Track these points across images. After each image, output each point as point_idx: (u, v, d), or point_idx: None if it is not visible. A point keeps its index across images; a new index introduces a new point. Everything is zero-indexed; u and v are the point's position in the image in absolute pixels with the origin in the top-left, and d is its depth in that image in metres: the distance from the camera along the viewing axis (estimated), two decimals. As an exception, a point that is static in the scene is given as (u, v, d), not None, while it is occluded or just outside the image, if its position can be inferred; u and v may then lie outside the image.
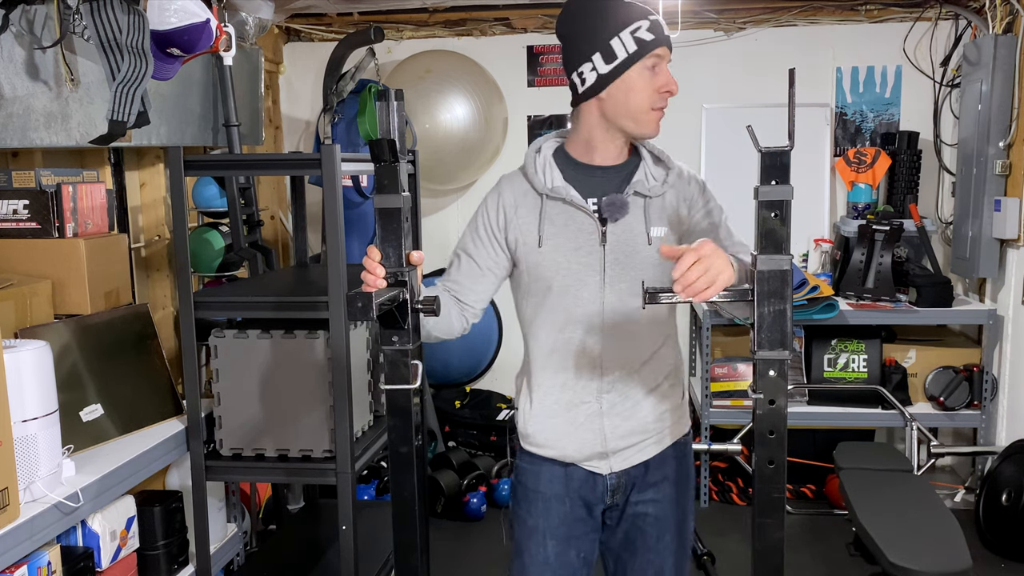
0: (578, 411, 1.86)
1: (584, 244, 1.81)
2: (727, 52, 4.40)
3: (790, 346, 1.46)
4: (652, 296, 1.46)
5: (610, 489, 1.89)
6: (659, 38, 1.74)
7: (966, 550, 2.62)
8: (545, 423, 1.88)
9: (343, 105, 4.16)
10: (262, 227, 3.37)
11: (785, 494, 1.50)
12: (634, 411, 1.86)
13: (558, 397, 1.87)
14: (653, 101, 1.76)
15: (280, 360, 2.51)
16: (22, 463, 1.95)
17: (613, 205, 1.79)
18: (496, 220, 1.86)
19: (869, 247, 4.03)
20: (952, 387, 3.90)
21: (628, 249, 1.80)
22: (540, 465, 1.91)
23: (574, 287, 1.81)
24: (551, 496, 1.90)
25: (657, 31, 1.75)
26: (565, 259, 1.81)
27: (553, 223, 1.82)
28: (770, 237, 1.43)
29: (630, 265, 1.80)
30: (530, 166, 1.86)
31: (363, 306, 1.46)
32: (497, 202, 1.86)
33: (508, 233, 1.85)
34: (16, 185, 2.50)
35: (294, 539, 3.20)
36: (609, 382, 1.84)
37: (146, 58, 2.20)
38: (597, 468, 1.88)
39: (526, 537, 1.92)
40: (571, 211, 1.81)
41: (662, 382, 1.88)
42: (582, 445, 1.86)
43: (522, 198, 1.85)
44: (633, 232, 1.80)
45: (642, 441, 1.87)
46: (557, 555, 1.89)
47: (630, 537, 1.91)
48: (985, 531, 3.59)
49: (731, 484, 4.17)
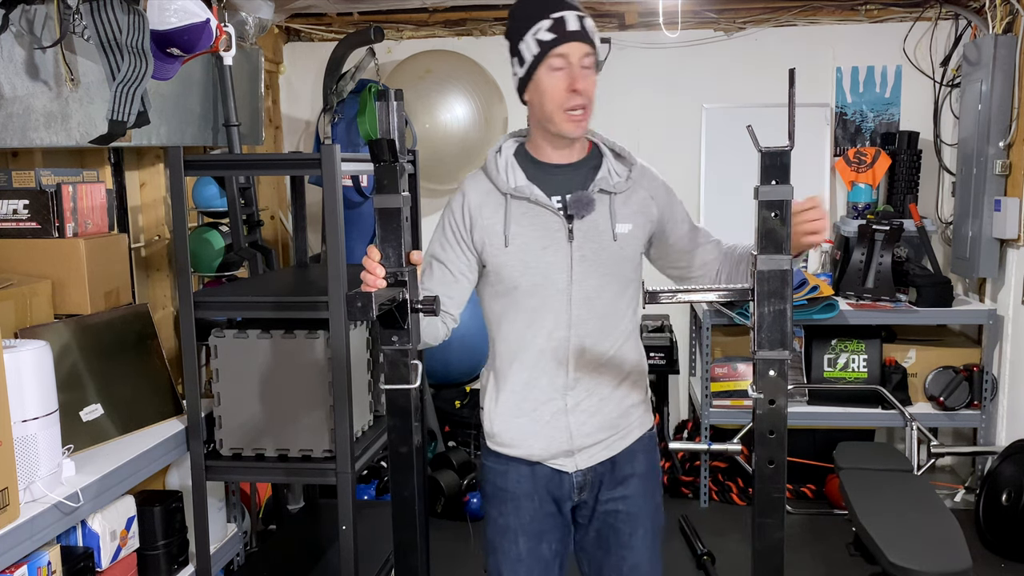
0: (544, 409, 1.86)
1: (551, 243, 1.81)
2: (727, 52, 4.40)
3: (790, 346, 1.46)
4: (652, 296, 1.46)
5: (576, 487, 1.90)
6: (561, 36, 1.72)
7: (966, 550, 2.62)
8: (511, 422, 1.89)
9: (343, 105, 4.16)
10: (262, 227, 3.37)
11: (785, 494, 1.50)
12: (599, 407, 1.87)
13: (524, 395, 1.87)
14: (563, 102, 1.75)
15: (280, 360, 2.51)
16: (22, 463, 1.95)
17: (579, 202, 1.79)
18: (463, 222, 1.85)
19: (869, 247, 4.03)
20: (952, 387, 3.89)
21: (595, 246, 1.81)
22: (507, 464, 1.92)
23: (542, 285, 1.82)
24: (520, 494, 1.91)
25: (559, 29, 1.72)
26: (533, 258, 1.81)
27: (519, 223, 1.82)
28: (770, 237, 1.43)
29: (597, 262, 1.81)
30: (492, 166, 1.86)
31: (363, 306, 1.46)
32: (462, 204, 1.86)
33: (474, 234, 1.85)
34: (16, 185, 2.50)
35: (294, 539, 3.20)
36: (574, 379, 1.84)
37: (146, 58, 2.20)
38: (563, 466, 1.89)
39: (499, 536, 1.94)
40: (536, 210, 1.82)
41: (626, 378, 1.89)
42: (548, 443, 1.87)
43: (486, 198, 1.85)
44: (599, 229, 1.81)
45: (608, 437, 1.89)
46: (529, 551, 1.91)
47: (603, 535, 1.92)
48: (985, 531, 3.59)
49: (731, 484, 4.17)
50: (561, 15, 1.73)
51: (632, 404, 1.91)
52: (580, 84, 1.73)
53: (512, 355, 1.87)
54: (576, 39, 1.73)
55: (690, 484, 4.18)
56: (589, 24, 1.76)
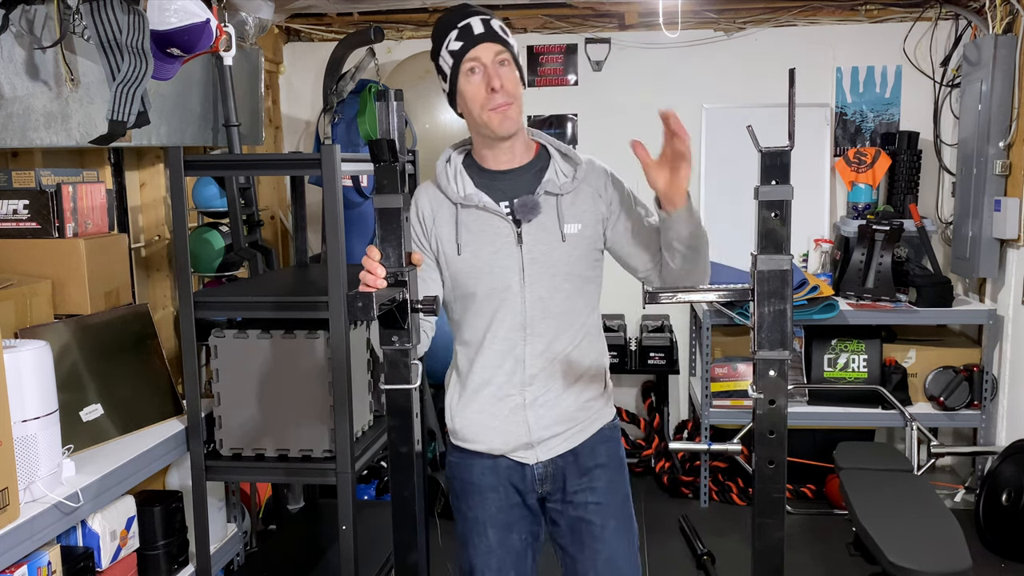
0: (503, 404, 1.90)
1: (502, 247, 1.84)
2: (727, 52, 4.40)
3: (790, 346, 1.46)
4: (652, 296, 1.47)
5: (538, 478, 1.93)
6: (468, 41, 1.77)
7: (966, 550, 2.62)
8: (472, 418, 1.93)
9: (343, 105, 4.16)
10: (262, 227, 3.37)
11: (785, 494, 1.50)
12: (557, 401, 1.90)
13: (484, 393, 1.91)
14: (485, 102, 1.78)
15: (280, 360, 2.51)
16: (22, 463, 1.95)
17: (525, 206, 1.83)
18: (420, 230, 1.90)
19: (869, 247, 4.03)
20: (952, 387, 3.89)
21: (544, 248, 1.84)
22: (471, 459, 1.96)
23: (497, 290, 1.85)
24: (485, 487, 1.95)
25: (466, 36, 1.77)
26: (486, 264, 1.85)
27: (469, 230, 1.85)
28: (770, 237, 1.43)
29: (547, 263, 1.84)
30: (441, 176, 1.90)
31: (363, 306, 1.46)
32: (417, 214, 1.90)
33: (431, 242, 1.89)
34: (16, 185, 2.50)
35: (294, 539, 3.20)
36: (531, 375, 1.88)
37: (146, 58, 2.20)
38: (523, 458, 1.92)
39: (468, 530, 1.98)
40: (485, 216, 1.85)
41: (583, 373, 1.92)
42: (508, 437, 1.91)
43: (438, 207, 1.89)
44: (548, 231, 1.84)
45: (567, 430, 1.92)
46: (499, 541, 1.95)
47: (576, 529, 1.94)
48: (985, 531, 3.59)
49: (731, 484, 4.17)
50: (467, 22, 1.78)
51: (590, 398, 1.94)
52: (496, 82, 1.76)
53: (472, 355, 1.91)
54: (484, 40, 1.77)
55: (690, 484, 4.18)
56: (495, 24, 1.80)
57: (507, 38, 1.81)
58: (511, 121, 1.80)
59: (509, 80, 1.79)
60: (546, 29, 4.42)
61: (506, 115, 1.78)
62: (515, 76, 1.81)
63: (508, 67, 1.79)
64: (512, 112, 1.79)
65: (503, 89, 1.77)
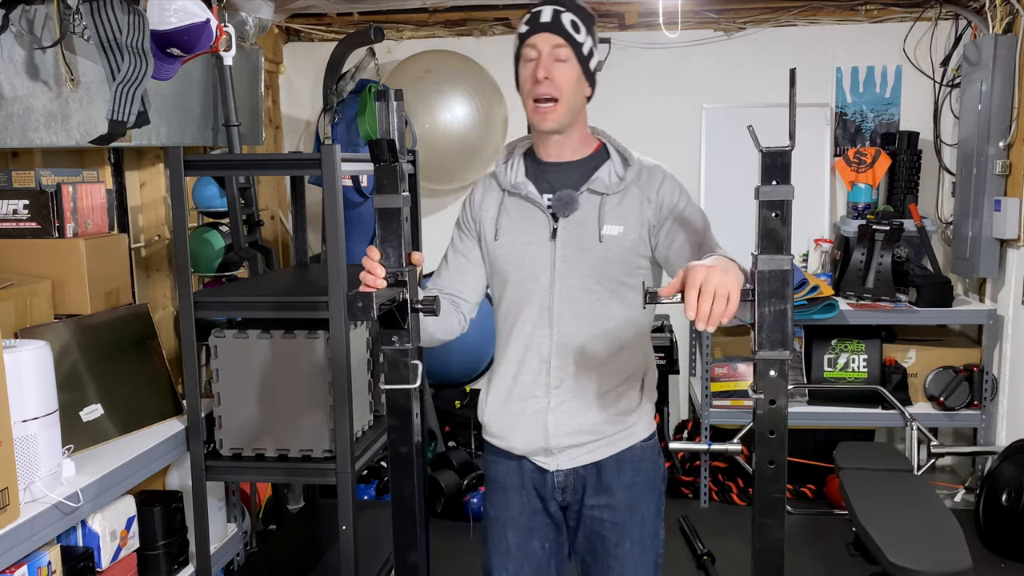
0: (526, 404, 1.87)
1: (536, 239, 1.83)
2: (727, 52, 4.40)
3: (790, 346, 1.46)
4: (652, 296, 1.45)
5: (558, 487, 1.90)
6: (532, 28, 1.76)
7: (966, 550, 2.62)
8: (497, 413, 1.91)
9: (343, 105, 4.16)
10: (262, 227, 3.37)
11: (785, 494, 1.50)
12: (582, 411, 1.84)
13: (510, 388, 1.89)
14: (529, 91, 1.78)
15: (280, 360, 2.51)
16: (22, 463, 1.95)
17: (561, 201, 1.80)
18: (470, 214, 1.92)
19: (869, 247, 4.03)
20: (952, 387, 3.89)
21: (579, 246, 1.80)
22: (498, 455, 1.95)
23: (526, 281, 1.83)
24: (509, 487, 1.93)
25: (533, 21, 1.76)
26: (519, 253, 1.84)
27: (510, 217, 1.85)
28: (770, 237, 1.43)
29: (580, 261, 1.80)
30: (499, 163, 1.91)
31: (363, 306, 1.46)
32: (470, 198, 1.94)
33: (477, 225, 1.91)
34: (16, 185, 2.50)
35: (294, 539, 3.20)
36: (558, 379, 1.84)
37: (146, 58, 2.20)
38: (544, 464, 1.90)
39: (489, 528, 1.96)
40: (527, 206, 1.84)
41: (620, 384, 1.86)
42: (526, 439, 1.88)
43: (488, 191, 1.91)
44: (586, 230, 1.80)
45: (591, 442, 1.86)
46: (518, 545, 1.91)
47: (591, 541, 1.91)
48: (985, 531, 3.59)
49: (731, 484, 4.17)
50: (539, 9, 1.77)
51: (620, 412, 1.86)
52: (543, 73, 1.74)
53: (503, 349, 1.90)
54: (545, 30, 1.75)
55: (690, 484, 4.18)
56: (566, 18, 1.75)
57: (574, 34, 1.75)
58: (550, 121, 1.77)
59: (561, 76, 1.75)
60: (546, 29, 4.42)
61: (546, 115, 1.76)
62: (572, 73, 1.76)
63: (565, 63, 1.75)
64: (555, 112, 1.76)
65: (548, 82, 1.74)
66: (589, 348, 1.83)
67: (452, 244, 1.96)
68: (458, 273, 1.92)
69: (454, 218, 1.99)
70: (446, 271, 1.94)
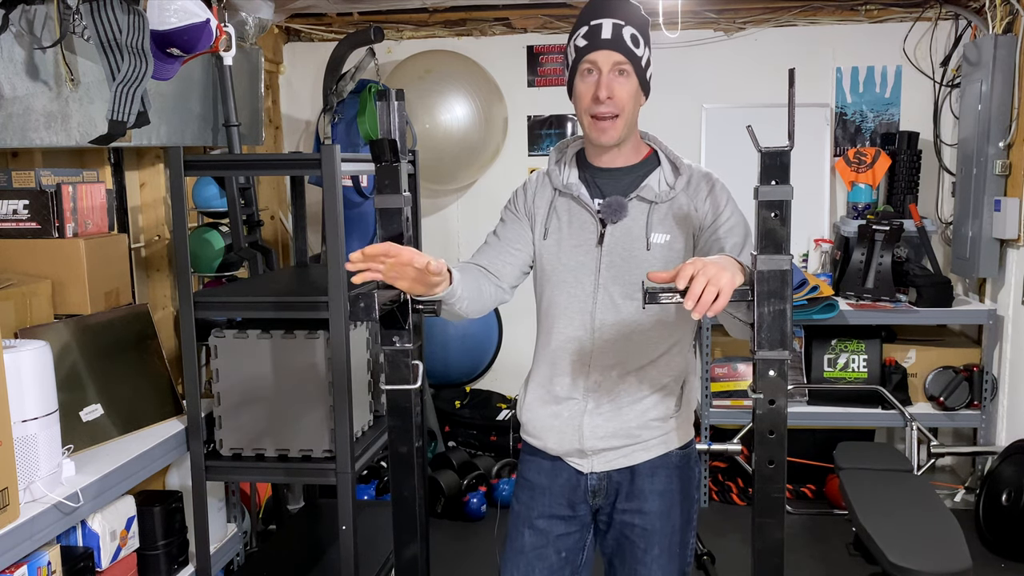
0: (563, 406, 1.87)
1: (583, 243, 1.83)
2: (727, 52, 4.39)
3: (790, 346, 1.46)
4: (652, 296, 1.45)
5: (591, 490, 1.89)
6: (593, 43, 1.74)
7: (966, 550, 2.62)
8: (535, 412, 1.91)
9: (343, 105, 4.16)
10: (262, 227, 3.37)
11: (785, 494, 1.50)
12: (618, 414, 1.84)
13: (548, 389, 1.89)
14: (588, 108, 1.77)
15: (280, 360, 2.51)
16: (22, 463, 1.95)
17: (610, 207, 1.80)
18: (524, 201, 1.92)
19: (869, 247, 4.03)
20: (952, 387, 3.89)
21: (625, 253, 1.80)
22: (533, 454, 1.95)
23: (569, 283, 1.84)
24: (536, 486, 1.93)
25: (593, 37, 1.74)
26: (565, 255, 1.84)
27: (559, 218, 1.86)
28: (770, 237, 1.43)
29: (625, 268, 1.80)
30: (552, 162, 1.92)
31: (366, 306, 1.46)
32: (525, 187, 1.94)
33: (530, 218, 1.91)
34: (16, 185, 2.50)
35: (294, 539, 3.20)
36: (596, 382, 1.84)
37: (146, 58, 2.20)
38: (579, 465, 1.89)
39: (511, 522, 1.96)
40: (577, 209, 1.84)
41: (658, 390, 1.85)
42: (561, 440, 1.87)
43: (541, 190, 1.91)
44: (632, 236, 1.80)
45: (626, 446, 1.85)
46: (533, 547, 1.90)
47: (620, 545, 1.90)
48: (985, 531, 3.59)
49: (731, 484, 4.17)
50: (599, 23, 1.74)
51: (658, 417, 1.84)
52: (603, 92, 1.73)
53: (543, 348, 1.90)
54: (606, 47, 1.74)
55: (690, 484, 4.18)
56: (626, 33, 1.75)
57: (634, 48, 1.76)
58: (610, 135, 1.77)
59: (622, 91, 1.75)
60: (546, 29, 4.42)
61: (604, 130, 1.76)
62: (631, 88, 1.77)
63: (626, 77, 1.76)
64: (614, 127, 1.76)
65: (610, 100, 1.74)
66: (630, 353, 1.83)
67: (500, 226, 1.94)
68: (496, 252, 1.90)
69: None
70: (487, 247, 1.93)
